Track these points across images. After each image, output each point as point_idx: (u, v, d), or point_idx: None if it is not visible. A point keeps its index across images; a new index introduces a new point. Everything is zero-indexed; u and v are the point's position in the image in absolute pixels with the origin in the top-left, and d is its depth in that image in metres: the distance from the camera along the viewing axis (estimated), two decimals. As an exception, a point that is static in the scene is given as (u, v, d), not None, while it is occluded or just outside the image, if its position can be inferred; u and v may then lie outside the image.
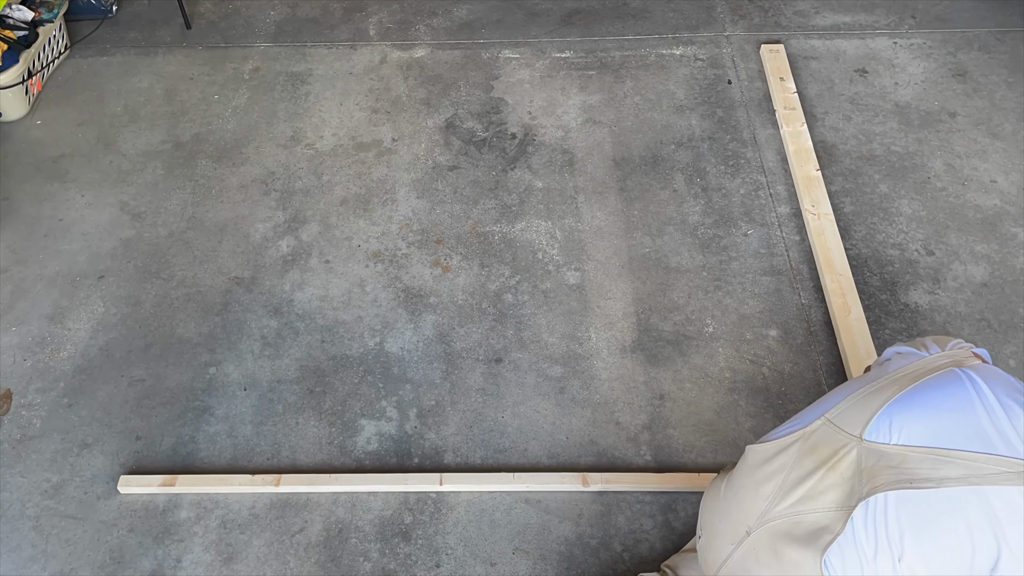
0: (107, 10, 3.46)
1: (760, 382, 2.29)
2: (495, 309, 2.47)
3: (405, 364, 2.35)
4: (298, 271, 2.58)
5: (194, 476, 2.11)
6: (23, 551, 2.00)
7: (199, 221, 2.73)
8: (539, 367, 2.33)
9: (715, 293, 2.49)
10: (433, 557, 1.98)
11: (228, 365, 2.36)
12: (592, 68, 3.22)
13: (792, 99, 3.02)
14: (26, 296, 2.52)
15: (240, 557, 1.98)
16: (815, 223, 2.61)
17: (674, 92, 3.11)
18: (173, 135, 3.01)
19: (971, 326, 2.39)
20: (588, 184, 2.81)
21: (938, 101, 3.06)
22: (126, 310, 2.49)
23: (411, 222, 2.71)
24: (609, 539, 2.00)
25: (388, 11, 3.51)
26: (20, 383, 2.32)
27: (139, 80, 3.22)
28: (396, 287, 2.53)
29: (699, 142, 2.93)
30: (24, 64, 3.01)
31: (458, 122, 3.03)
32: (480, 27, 3.42)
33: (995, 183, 2.78)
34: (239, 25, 3.46)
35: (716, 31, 3.36)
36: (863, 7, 3.46)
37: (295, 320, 2.45)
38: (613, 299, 2.49)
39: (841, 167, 2.83)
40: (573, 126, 3.00)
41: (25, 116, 3.07)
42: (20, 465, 2.16)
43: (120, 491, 2.09)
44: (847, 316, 2.37)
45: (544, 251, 2.61)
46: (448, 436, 2.20)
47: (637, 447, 2.16)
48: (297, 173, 2.87)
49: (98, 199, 2.80)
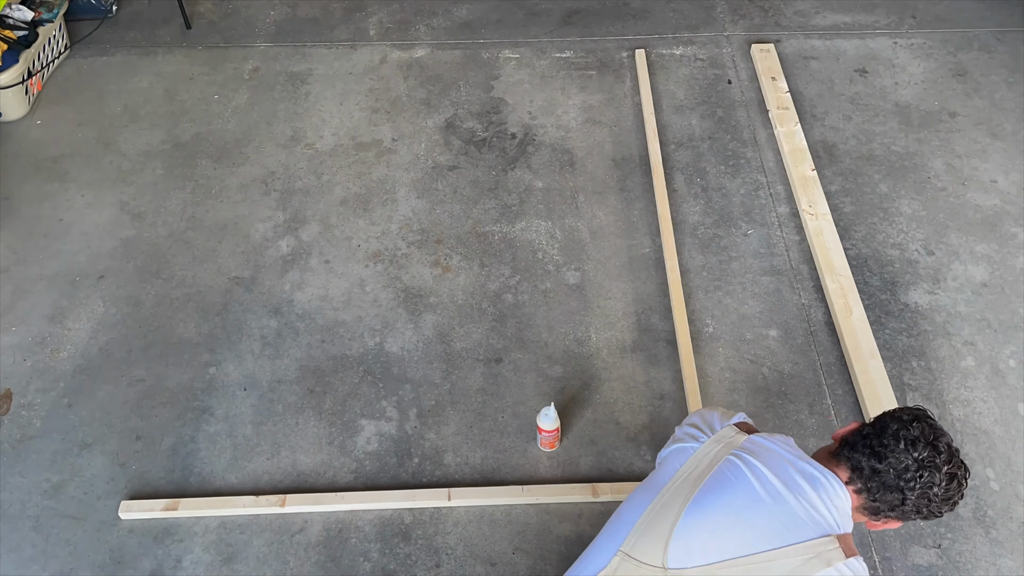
0: (107, 10, 3.46)
1: (760, 382, 2.29)
2: (495, 309, 2.47)
3: (405, 364, 2.34)
4: (298, 271, 2.58)
5: (197, 500, 2.06)
6: (23, 551, 2.00)
7: (199, 221, 2.73)
8: (539, 367, 2.33)
9: (715, 293, 2.49)
10: (433, 557, 1.98)
11: (228, 365, 2.36)
12: (592, 68, 3.22)
13: (784, 99, 3.01)
14: (26, 296, 2.52)
15: (240, 557, 1.98)
16: (813, 223, 2.61)
17: (674, 92, 3.11)
18: (173, 135, 3.01)
19: (971, 326, 2.39)
20: (588, 184, 2.81)
21: (938, 101, 3.06)
22: (126, 310, 2.49)
23: (411, 222, 2.71)
24: (609, 539, 2.00)
25: (388, 11, 3.51)
26: (20, 383, 2.32)
27: (139, 80, 3.22)
28: (396, 287, 2.53)
29: (699, 142, 2.93)
30: (24, 64, 3.01)
31: (458, 122, 3.03)
32: (480, 27, 3.42)
33: (995, 183, 2.78)
34: (239, 25, 3.46)
35: (716, 31, 3.36)
36: (863, 7, 3.46)
37: (295, 320, 2.45)
38: (613, 299, 2.49)
39: (841, 167, 2.83)
40: (573, 126, 3.00)
41: (25, 116, 3.07)
42: (20, 465, 2.15)
43: (121, 517, 2.04)
44: (849, 316, 2.37)
45: (544, 251, 2.61)
46: (448, 436, 2.20)
47: (637, 447, 2.16)
48: (297, 173, 2.87)
49: (98, 199, 2.80)
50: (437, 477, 2.12)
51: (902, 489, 1.37)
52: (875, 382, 2.23)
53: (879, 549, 1.97)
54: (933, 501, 1.38)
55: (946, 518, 2.01)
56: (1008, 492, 2.07)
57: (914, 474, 1.36)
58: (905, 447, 1.38)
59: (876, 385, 2.22)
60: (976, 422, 2.20)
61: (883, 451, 1.39)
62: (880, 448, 1.39)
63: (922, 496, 1.37)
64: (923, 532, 2.00)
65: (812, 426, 2.20)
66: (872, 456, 1.39)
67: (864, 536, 1.99)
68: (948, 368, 2.30)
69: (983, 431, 2.18)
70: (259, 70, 3.25)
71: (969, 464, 2.11)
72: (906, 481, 1.37)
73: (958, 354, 2.33)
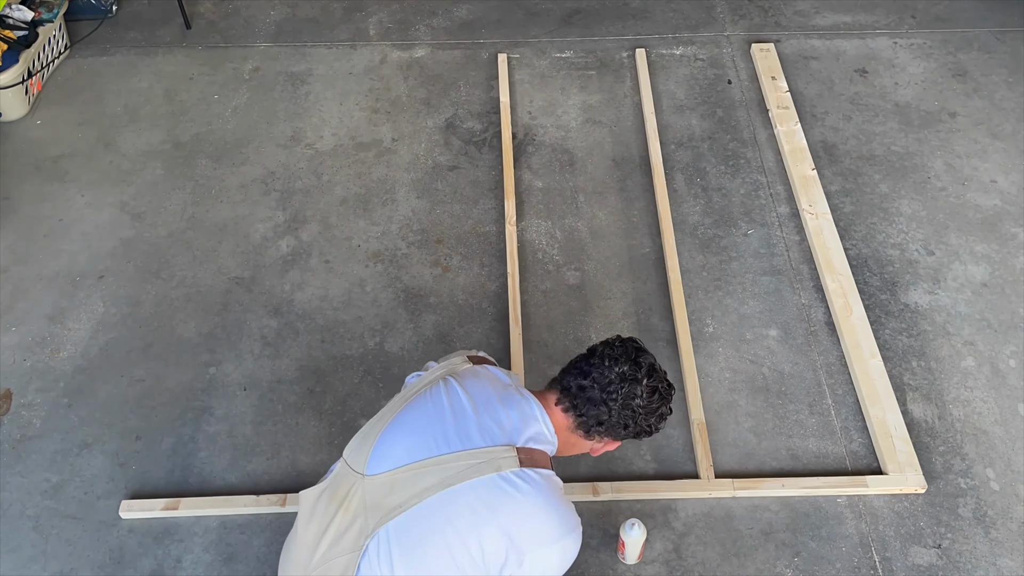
0: (107, 10, 3.46)
1: (760, 382, 2.29)
2: (495, 309, 2.47)
3: (405, 364, 2.34)
4: (298, 271, 2.58)
5: (198, 499, 2.06)
6: (23, 551, 2.00)
7: (199, 221, 2.73)
8: (539, 367, 2.33)
9: (715, 293, 2.49)
10: (433, 557, 1.98)
11: (228, 365, 2.36)
12: (592, 68, 3.22)
13: (784, 98, 3.01)
14: (26, 296, 2.52)
15: (240, 557, 1.98)
16: (813, 223, 2.61)
17: (674, 92, 3.11)
18: (173, 135, 3.01)
19: (971, 326, 2.39)
20: (588, 184, 2.81)
21: (938, 101, 3.06)
22: (126, 310, 2.49)
23: (411, 222, 2.71)
24: (609, 539, 2.00)
25: (388, 11, 3.51)
26: (20, 383, 2.32)
27: (139, 80, 3.22)
28: (396, 287, 2.53)
29: (699, 142, 2.93)
30: (24, 64, 3.01)
31: (458, 122, 3.03)
32: (480, 27, 3.42)
33: (995, 183, 2.78)
34: (239, 25, 3.46)
35: (716, 31, 3.36)
36: (863, 7, 3.46)
37: (295, 320, 2.45)
38: (613, 299, 2.49)
39: (841, 167, 2.83)
40: (573, 126, 3.00)
41: (25, 116, 3.07)
42: (20, 465, 2.15)
43: (122, 517, 2.04)
44: (849, 316, 2.37)
45: (544, 251, 2.61)
46: (448, 436, 2.19)
47: (637, 447, 2.16)
48: (297, 173, 2.87)
49: (98, 199, 2.80)
50: (437, 477, 2.12)
51: (606, 401, 1.50)
52: (875, 381, 2.23)
53: (879, 549, 1.97)
54: (638, 412, 1.51)
55: (947, 518, 2.01)
56: (1008, 492, 2.07)
57: (617, 386, 1.49)
58: (608, 364, 1.51)
59: (877, 384, 2.23)
60: (976, 422, 2.20)
61: (589, 369, 1.53)
62: (587, 367, 1.54)
63: (625, 407, 1.50)
64: (923, 532, 2.00)
65: (812, 426, 2.20)
66: (579, 375, 1.53)
67: (864, 536, 1.99)
68: (948, 368, 2.30)
69: (983, 431, 2.18)
70: (259, 70, 3.25)
71: (969, 464, 2.11)
72: (608, 394, 1.50)
73: (958, 354, 2.33)
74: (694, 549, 1.98)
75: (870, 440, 2.16)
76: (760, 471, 2.11)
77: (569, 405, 1.53)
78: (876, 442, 2.14)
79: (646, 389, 1.52)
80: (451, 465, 1.42)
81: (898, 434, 2.13)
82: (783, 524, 2.02)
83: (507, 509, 1.41)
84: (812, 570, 1.95)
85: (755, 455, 2.14)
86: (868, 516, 2.03)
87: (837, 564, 1.95)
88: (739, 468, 2.12)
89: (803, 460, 2.13)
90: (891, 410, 2.18)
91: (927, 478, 2.07)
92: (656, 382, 1.54)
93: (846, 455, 2.14)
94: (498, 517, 1.40)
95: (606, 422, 1.52)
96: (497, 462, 1.43)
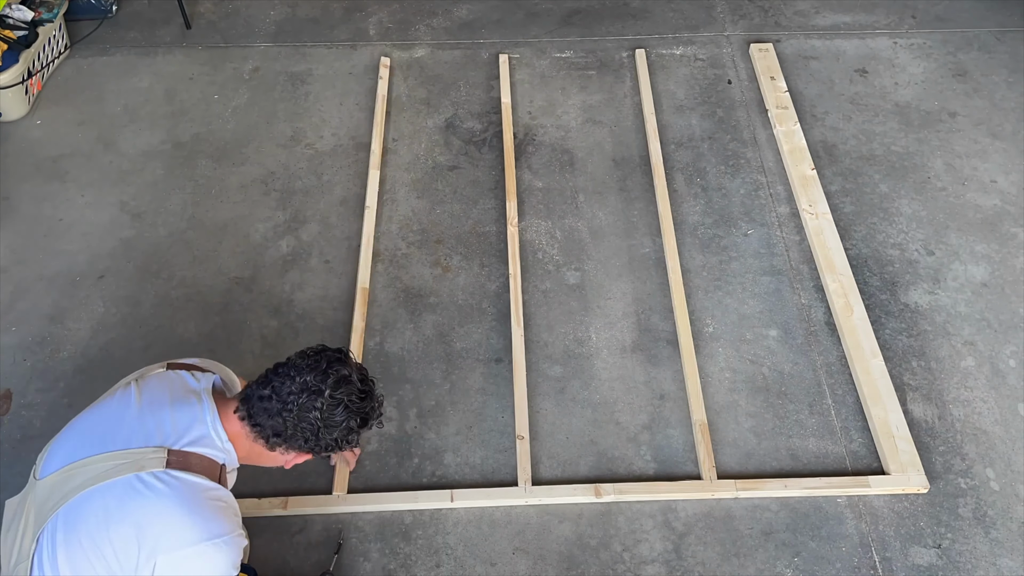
0: (107, 10, 3.46)
1: (760, 382, 2.29)
2: (495, 309, 2.47)
3: (405, 364, 2.34)
4: (298, 271, 2.58)
5: None
6: (23, 551, 2.00)
7: (199, 221, 2.73)
8: (539, 367, 2.33)
9: (715, 293, 2.49)
10: (433, 557, 1.98)
11: (228, 365, 2.34)
12: (592, 68, 3.22)
13: (784, 98, 3.01)
14: (26, 296, 2.52)
15: (240, 557, 1.98)
16: (813, 223, 2.61)
17: (674, 92, 3.11)
18: (173, 135, 3.01)
19: (971, 326, 2.39)
20: (588, 184, 2.80)
21: (938, 101, 3.06)
22: (126, 310, 2.49)
23: (411, 222, 2.71)
24: (609, 539, 2.00)
25: (388, 11, 3.50)
26: (20, 383, 2.32)
27: (139, 80, 3.22)
28: (396, 287, 2.53)
29: (699, 142, 2.93)
30: (24, 64, 3.00)
31: (458, 122, 3.03)
32: (480, 27, 3.42)
33: (995, 183, 2.78)
34: (239, 25, 3.46)
35: (716, 31, 3.36)
36: (863, 7, 3.46)
37: (295, 320, 2.45)
38: (613, 299, 2.49)
39: (841, 167, 2.83)
40: (573, 126, 3.00)
41: (25, 116, 3.06)
42: (20, 465, 2.15)
43: None
44: (849, 316, 2.37)
45: (544, 251, 2.61)
46: (448, 436, 2.19)
47: (637, 447, 2.16)
48: (297, 173, 2.86)
49: (98, 199, 2.80)
50: (437, 477, 2.12)
51: (281, 412, 1.45)
52: (877, 381, 2.23)
53: (879, 549, 1.97)
54: (316, 426, 1.45)
55: (947, 518, 2.01)
56: (1008, 492, 2.07)
57: (296, 398, 1.44)
58: (293, 374, 1.46)
59: (878, 384, 2.23)
60: (976, 422, 2.20)
61: (273, 378, 1.47)
62: (273, 376, 1.48)
63: (302, 420, 1.45)
64: (923, 532, 2.00)
65: (812, 426, 2.20)
66: (263, 384, 1.49)
67: (864, 536, 1.99)
68: (948, 368, 2.30)
69: (983, 431, 2.18)
70: (259, 70, 3.25)
71: (969, 464, 2.11)
72: (285, 405, 1.44)
73: (958, 354, 2.33)
74: (694, 549, 1.98)
75: (870, 440, 2.16)
76: (760, 471, 2.11)
77: (245, 414, 1.49)
78: (878, 442, 2.14)
79: (328, 401, 1.46)
80: (98, 466, 1.41)
81: (900, 434, 2.13)
82: (783, 524, 2.02)
83: (139, 510, 1.39)
84: (812, 570, 1.95)
85: (755, 455, 2.14)
86: (868, 516, 2.03)
87: (837, 564, 1.95)
88: (739, 468, 2.12)
89: (803, 460, 2.14)
90: (893, 410, 2.18)
91: (928, 478, 2.07)
92: (345, 395, 1.47)
93: (846, 455, 2.14)
94: (130, 518, 1.39)
95: (283, 434, 1.47)
96: (141, 463, 1.41)
